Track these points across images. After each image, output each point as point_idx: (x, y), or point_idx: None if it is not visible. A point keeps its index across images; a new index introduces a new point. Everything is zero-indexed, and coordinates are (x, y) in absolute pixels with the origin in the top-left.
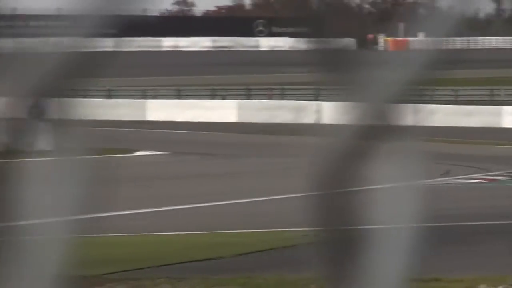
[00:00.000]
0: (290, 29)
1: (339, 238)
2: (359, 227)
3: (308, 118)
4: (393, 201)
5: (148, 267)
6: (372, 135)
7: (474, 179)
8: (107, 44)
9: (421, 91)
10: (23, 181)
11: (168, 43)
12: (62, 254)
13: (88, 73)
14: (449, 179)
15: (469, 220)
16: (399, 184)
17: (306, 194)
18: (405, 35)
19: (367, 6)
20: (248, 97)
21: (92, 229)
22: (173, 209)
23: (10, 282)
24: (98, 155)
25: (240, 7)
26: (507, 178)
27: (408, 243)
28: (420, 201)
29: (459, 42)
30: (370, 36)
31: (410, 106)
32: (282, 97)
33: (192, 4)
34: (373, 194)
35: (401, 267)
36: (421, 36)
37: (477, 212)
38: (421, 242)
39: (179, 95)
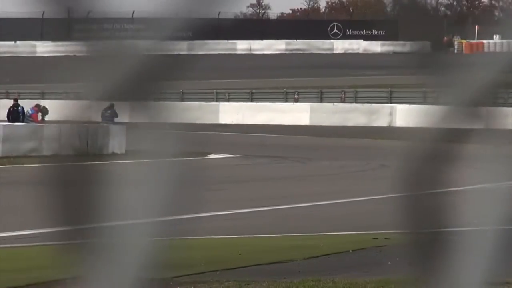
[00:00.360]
0: (365, 32)
1: (425, 240)
2: (444, 229)
3: (381, 121)
4: (479, 203)
5: (217, 270)
6: (456, 138)
7: None
8: (182, 47)
9: (500, 94)
10: (104, 183)
11: (242, 46)
12: (147, 256)
13: (165, 76)
14: None
15: None
16: (485, 186)
17: (381, 196)
18: (480, 38)
19: (442, 8)
20: (321, 100)
21: (171, 232)
22: (243, 212)
23: (95, 283)
24: (174, 157)
25: (314, 9)
26: None
27: (494, 245)
28: (506, 203)
29: None
30: (446, 38)
31: (491, 109)
32: (355, 100)
33: (267, 7)
34: (458, 196)
35: (487, 269)
36: (496, 39)
37: None
38: (507, 245)
39: (251, 98)
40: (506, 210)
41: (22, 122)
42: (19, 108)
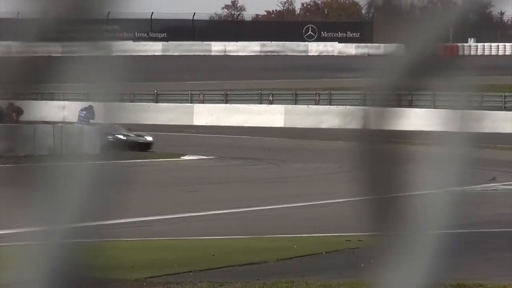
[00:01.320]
0: (340, 34)
1: (385, 242)
2: (400, 231)
3: (355, 123)
4: (436, 206)
5: (190, 271)
6: (412, 140)
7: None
8: (156, 48)
9: (470, 97)
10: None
11: (217, 47)
12: (87, 256)
13: (135, 77)
14: (496, 185)
15: None
16: (442, 190)
17: (355, 199)
18: (456, 41)
19: (417, 11)
20: (295, 101)
21: (135, 233)
22: (217, 214)
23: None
24: (143, 159)
25: (289, 11)
26: None
27: (447, 247)
28: (462, 207)
29: (509, 48)
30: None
31: (458, 112)
32: (329, 102)
33: (242, 9)
34: (416, 199)
35: (438, 271)
36: (471, 42)
37: None
38: (459, 247)
39: (226, 100)
40: (462, 213)
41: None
42: None
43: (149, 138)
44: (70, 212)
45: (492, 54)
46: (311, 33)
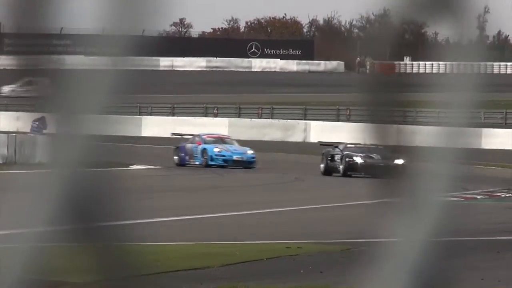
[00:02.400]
0: (282, 51)
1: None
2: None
3: (296, 136)
4: (404, 216)
5: (135, 276)
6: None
7: (453, 197)
8: (109, 63)
9: (405, 112)
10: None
11: (165, 62)
12: (35, 260)
13: (91, 90)
14: None
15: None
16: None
17: (295, 208)
18: (392, 59)
19: (356, 30)
20: (239, 115)
21: (89, 239)
22: (163, 221)
23: None
24: (95, 168)
25: (234, 29)
26: (485, 197)
27: (421, 257)
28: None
29: (443, 66)
30: (358, 59)
31: (394, 126)
32: (271, 116)
33: (189, 26)
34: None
35: (408, 281)
36: (406, 60)
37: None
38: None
39: (173, 112)
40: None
41: None
42: None
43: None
44: (36, 217)
45: (427, 71)
46: (255, 50)
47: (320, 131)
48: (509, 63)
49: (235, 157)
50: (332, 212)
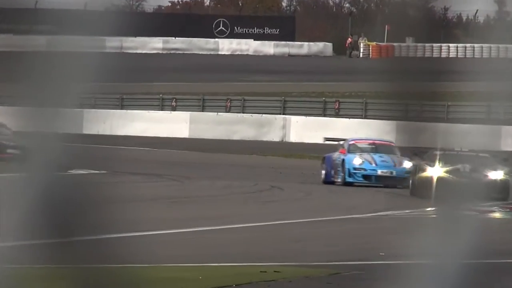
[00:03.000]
0: (256, 30)
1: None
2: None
3: (273, 135)
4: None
5: None
6: None
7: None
8: (40, 43)
9: (434, 107)
10: None
11: (112, 43)
12: None
13: (12, 76)
14: None
15: None
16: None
17: (271, 223)
18: (390, 40)
19: (347, 5)
20: (203, 108)
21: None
22: (109, 238)
23: None
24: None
25: (197, 3)
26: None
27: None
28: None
29: (453, 49)
30: (350, 40)
31: (400, 123)
32: (243, 109)
33: None
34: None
35: None
36: (409, 42)
37: None
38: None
39: (122, 105)
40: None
41: None
42: None
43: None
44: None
45: (434, 56)
46: (223, 28)
47: (302, 128)
48: None
49: (380, 172)
50: (317, 228)
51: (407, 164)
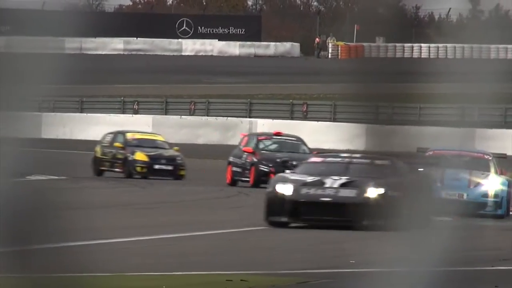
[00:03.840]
0: (221, 30)
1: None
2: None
3: (238, 138)
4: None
5: None
6: None
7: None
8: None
9: (405, 109)
10: None
11: (71, 44)
12: None
13: None
14: None
15: None
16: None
17: (237, 230)
18: (360, 40)
19: (315, 3)
20: (166, 111)
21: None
22: (70, 246)
23: None
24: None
25: (160, 1)
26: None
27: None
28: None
29: (425, 50)
30: (318, 40)
31: (368, 125)
32: (207, 112)
33: None
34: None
35: None
36: (379, 42)
37: None
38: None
39: (82, 108)
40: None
41: None
42: None
43: None
44: None
45: (405, 56)
46: (186, 28)
47: (269, 131)
48: (510, 46)
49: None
50: (285, 235)
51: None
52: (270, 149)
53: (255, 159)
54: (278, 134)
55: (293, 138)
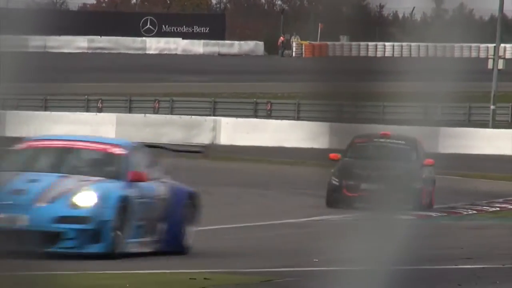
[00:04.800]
0: (185, 29)
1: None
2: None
3: (203, 137)
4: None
5: None
6: None
7: (407, 215)
8: None
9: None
10: None
11: (35, 42)
12: None
13: None
14: None
15: None
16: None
17: (200, 229)
18: (324, 39)
19: (279, 2)
20: (130, 110)
21: None
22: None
23: None
24: None
25: (124, 0)
26: (442, 214)
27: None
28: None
29: (389, 48)
30: (282, 38)
31: (329, 124)
32: (171, 110)
33: None
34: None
35: None
36: (343, 40)
37: None
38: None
39: (45, 106)
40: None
41: None
42: None
43: None
44: None
45: (369, 55)
46: (150, 26)
47: (233, 130)
48: (473, 45)
49: None
50: (248, 234)
51: None
52: None
53: None
54: None
55: None
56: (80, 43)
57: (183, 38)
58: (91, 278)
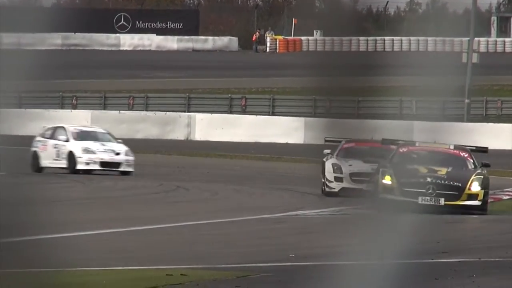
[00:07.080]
0: (159, 25)
1: None
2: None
3: (177, 133)
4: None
5: None
6: None
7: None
8: None
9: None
10: None
11: (8, 39)
12: None
13: None
14: None
15: None
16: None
17: (175, 224)
18: (298, 34)
19: None
20: (104, 106)
21: None
22: (7, 242)
23: None
24: None
25: None
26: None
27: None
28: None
29: (363, 43)
30: (257, 34)
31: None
32: (146, 107)
33: None
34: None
35: None
36: (317, 35)
37: None
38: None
39: (20, 104)
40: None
41: None
42: None
43: None
44: None
45: (344, 50)
46: (124, 23)
47: (208, 125)
48: (447, 39)
49: None
50: (224, 229)
51: None
52: None
53: None
54: None
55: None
56: (54, 40)
57: (157, 34)
58: (66, 275)
